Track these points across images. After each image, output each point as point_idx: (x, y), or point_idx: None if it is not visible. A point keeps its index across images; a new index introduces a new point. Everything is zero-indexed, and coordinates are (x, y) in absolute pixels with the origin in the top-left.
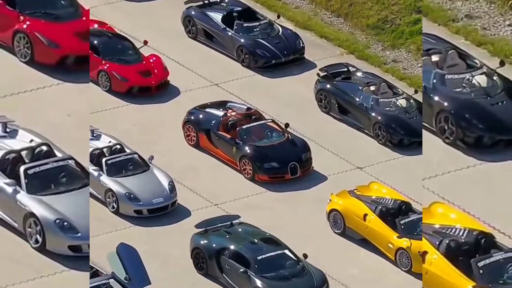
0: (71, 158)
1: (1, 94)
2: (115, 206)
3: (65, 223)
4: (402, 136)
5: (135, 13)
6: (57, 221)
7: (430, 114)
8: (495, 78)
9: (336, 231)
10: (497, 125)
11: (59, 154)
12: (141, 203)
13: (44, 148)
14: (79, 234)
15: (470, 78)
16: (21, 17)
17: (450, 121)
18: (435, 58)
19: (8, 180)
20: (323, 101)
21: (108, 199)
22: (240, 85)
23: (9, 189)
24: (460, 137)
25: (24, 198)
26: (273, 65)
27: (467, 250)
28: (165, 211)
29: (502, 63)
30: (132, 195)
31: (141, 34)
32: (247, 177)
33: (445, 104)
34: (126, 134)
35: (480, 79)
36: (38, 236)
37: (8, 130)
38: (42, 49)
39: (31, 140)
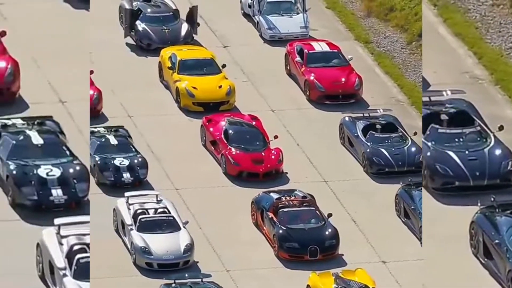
0: (173, 216)
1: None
2: (134, 257)
3: (146, 249)
4: None
5: (298, 120)
6: (142, 247)
7: None
8: None
9: None
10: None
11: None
12: (152, 257)
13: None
14: (152, 256)
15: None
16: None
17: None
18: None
19: (130, 222)
20: (397, 205)
21: (132, 251)
22: (346, 186)
23: (128, 228)
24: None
25: (134, 233)
26: (387, 172)
27: None
28: (176, 268)
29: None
30: (146, 249)
31: (297, 136)
32: (275, 254)
33: None
34: (211, 206)
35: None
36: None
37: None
38: (230, 166)
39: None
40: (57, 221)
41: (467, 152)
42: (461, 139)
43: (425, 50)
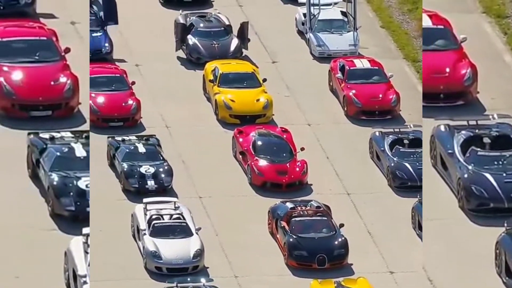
0: (186, 223)
1: None
2: (145, 261)
3: (157, 253)
4: None
5: (333, 134)
6: (153, 251)
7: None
8: None
9: None
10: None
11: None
12: (161, 261)
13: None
14: (162, 260)
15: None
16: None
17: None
18: None
19: (144, 227)
20: (413, 218)
21: (143, 255)
22: (368, 198)
23: (142, 233)
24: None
25: (147, 238)
26: (410, 187)
27: None
28: (185, 272)
29: None
30: (157, 253)
31: (329, 150)
32: (285, 262)
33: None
34: (231, 215)
35: None
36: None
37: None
38: (255, 176)
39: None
40: (146, 200)
41: (504, 174)
42: (500, 162)
43: (486, 76)
